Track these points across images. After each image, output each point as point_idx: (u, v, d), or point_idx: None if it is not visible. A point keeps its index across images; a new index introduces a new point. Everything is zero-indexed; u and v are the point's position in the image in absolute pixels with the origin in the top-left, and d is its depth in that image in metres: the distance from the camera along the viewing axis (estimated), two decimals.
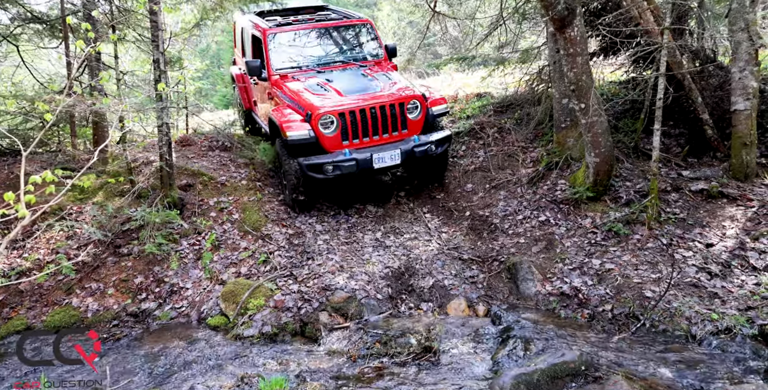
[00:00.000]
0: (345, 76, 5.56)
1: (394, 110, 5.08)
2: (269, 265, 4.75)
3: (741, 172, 4.69)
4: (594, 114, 4.49)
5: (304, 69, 5.73)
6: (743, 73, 4.57)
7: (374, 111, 5.01)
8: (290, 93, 5.32)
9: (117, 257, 4.80)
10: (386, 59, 6.08)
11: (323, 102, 5.02)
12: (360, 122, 5.00)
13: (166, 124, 5.07)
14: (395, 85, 5.36)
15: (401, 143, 5.15)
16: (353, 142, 5.07)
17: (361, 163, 4.95)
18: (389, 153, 5.03)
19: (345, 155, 4.95)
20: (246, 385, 3.44)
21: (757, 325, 3.41)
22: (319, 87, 5.30)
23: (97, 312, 4.36)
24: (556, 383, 3.11)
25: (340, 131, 4.98)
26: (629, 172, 5.02)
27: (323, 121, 4.93)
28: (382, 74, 5.58)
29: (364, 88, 5.25)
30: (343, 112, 4.95)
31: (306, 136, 4.89)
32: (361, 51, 6.16)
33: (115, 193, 5.36)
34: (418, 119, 5.22)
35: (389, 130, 5.13)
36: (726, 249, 4.07)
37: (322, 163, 4.91)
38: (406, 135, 5.20)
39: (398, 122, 5.12)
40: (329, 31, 6.09)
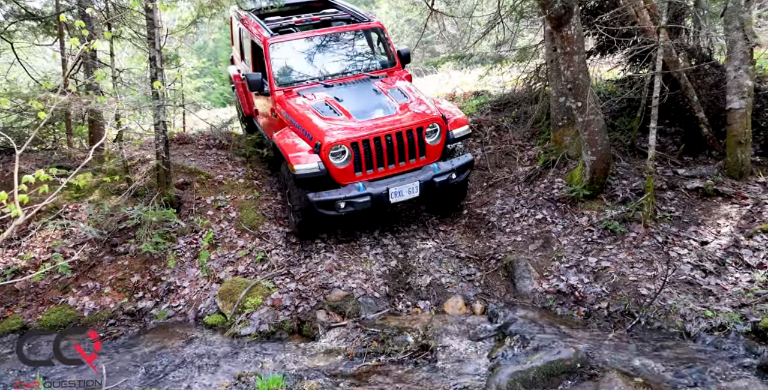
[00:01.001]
0: (355, 92, 4.98)
1: (412, 136, 4.54)
2: (267, 263, 4.76)
3: (736, 170, 4.73)
4: (591, 112, 4.52)
5: (309, 83, 5.18)
6: (738, 72, 4.61)
7: (390, 138, 4.47)
8: (296, 115, 4.80)
9: (113, 256, 4.80)
10: (399, 67, 5.51)
11: (333, 129, 4.50)
12: (374, 151, 4.46)
13: (163, 122, 5.07)
14: (411, 104, 4.78)
15: (419, 172, 4.63)
16: (367, 172, 4.54)
17: (376, 198, 4.46)
18: (407, 186, 4.52)
19: (359, 190, 4.44)
20: (243, 383, 3.46)
21: (750, 322, 3.45)
22: (328, 108, 4.74)
23: (94, 311, 4.37)
24: (552, 381, 3.15)
25: (353, 162, 4.45)
26: (625, 171, 5.06)
27: (334, 152, 4.41)
28: (396, 89, 4.99)
29: (377, 110, 4.70)
30: (355, 142, 4.41)
31: (316, 169, 4.39)
32: (371, 59, 5.57)
33: (112, 191, 5.36)
34: (438, 144, 4.68)
35: (406, 158, 4.60)
36: (721, 247, 4.11)
37: (334, 199, 4.41)
38: (424, 162, 4.68)
39: (416, 149, 4.59)
40: (336, 38, 5.51)
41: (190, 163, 6.01)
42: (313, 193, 4.45)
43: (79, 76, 5.94)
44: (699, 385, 3.03)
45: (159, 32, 5.02)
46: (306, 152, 4.48)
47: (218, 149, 6.63)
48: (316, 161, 4.41)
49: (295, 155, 4.47)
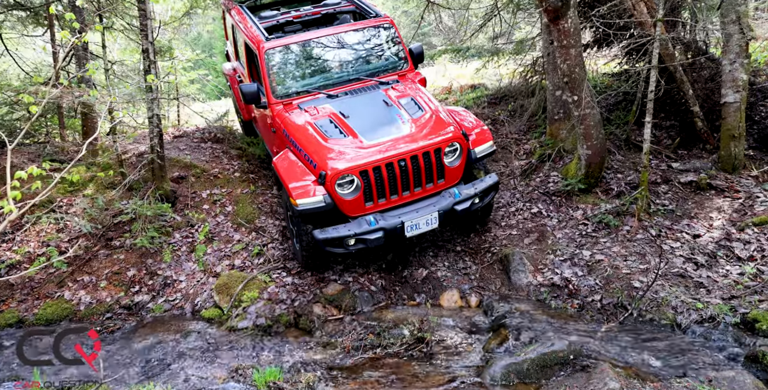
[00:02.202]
0: (362, 105, 4.38)
1: (429, 159, 4.01)
2: (263, 257, 4.81)
3: (729, 164, 4.80)
4: (587, 106, 4.56)
5: (311, 93, 4.60)
6: (734, 66, 4.66)
7: (404, 163, 3.94)
8: (298, 136, 4.25)
9: (109, 250, 4.84)
10: (412, 68, 4.92)
11: (339, 155, 3.98)
12: (387, 179, 3.95)
13: (157, 116, 5.07)
14: (427, 119, 4.19)
15: (438, 200, 4.10)
16: (378, 202, 4.04)
17: (389, 233, 3.95)
18: (424, 217, 3.99)
19: (370, 224, 3.93)
20: (240, 376, 3.53)
21: (739, 314, 3.54)
22: (333, 126, 4.19)
23: (90, 305, 4.41)
24: (545, 372, 3.23)
25: (363, 192, 3.95)
26: (620, 164, 5.13)
27: (341, 182, 3.91)
28: (409, 99, 4.40)
29: (388, 127, 4.13)
30: (365, 170, 3.90)
31: (321, 204, 3.90)
32: (380, 61, 4.93)
33: (106, 185, 5.37)
34: (458, 166, 4.15)
35: (422, 184, 4.08)
36: (712, 240, 4.20)
37: (342, 236, 3.92)
38: (443, 186, 4.16)
39: (433, 173, 4.07)
40: (341, 38, 4.87)
41: (185, 157, 6.02)
42: (319, 230, 3.97)
43: (71, 69, 5.90)
44: (688, 376, 3.12)
45: (151, 23, 5.00)
46: (309, 183, 3.97)
47: (213, 143, 6.63)
48: (322, 194, 3.89)
49: (297, 187, 3.96)
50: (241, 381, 3.43)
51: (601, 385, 2.88)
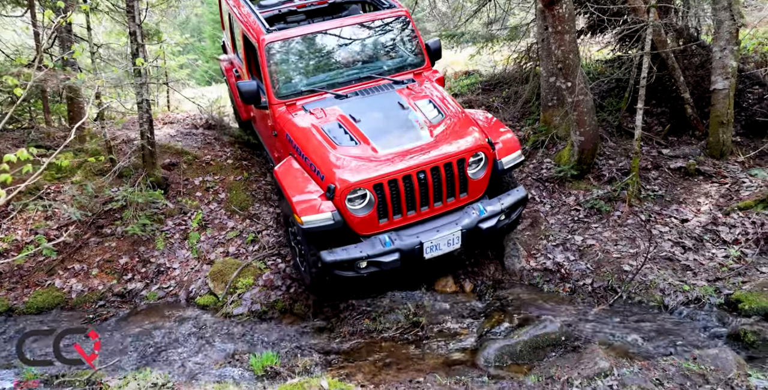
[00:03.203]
0: (375, 107, 3.93)
1: (451, 170, 3.58)
2: (258, 244, 4.81)
3: (717, 150, 4.90)
4: (580, 93, 4.59)
5: (317, 92, 4.14)
6: (724, 53, 4.71)
7: (423, 176, 3.51)
8: (303, 142, 3.80)
9: (100, 238, 4.79)
10: (428, 66, 4.47)
11: (350, 166, 3.53)
12: (404, 193, 3.51)
13: (146, 101, 4.99)
14: (449, 125, 3.78)
15: (460, 216, 3.68)
16: (394, 219, 3.60)
17: (406, 254, 3.53)
18: (446, 237, 3.57)
19: (384, 245, 3.51)
20: (237, 361, 3.56)
21: (723, 295, 3.66)
22: (342, 132, 3.75)
23: (82, 293, 4.39)
24: (538, 353, 3.31)
25: (376, 208, 3.51)
26: (612, 151, 5.19)
27: (353, 197, 3.48)
28: (428, 101, 3.98)
29: (405, 134, 3.69)
30: (379, 183, 3.45)
31: (329, 221, 3.45)
32: (394, 57, 4.48)
33: (95, 172, 5.30)
34: (482, 178, 3.73)
35: (443, 198, 3.66)
36: (700, 224, 4.30)
37: (353, 259, 3.48)
38: (466, 200, 3.74)
39: (456, 186, 3.64)
40: (352, 32, 4.38)
41: (177, 144, 5.94)
42: (327, 252, 3.51)
43: (54, 51, 5.75)
44: (674, 354, 3.22)
45: (139, 5, 4.87)
46: (316, 197, 3.51)
47: (205, 129, 6.56)
48: (330, 211, 3.45)
49: (302, 201, 3.50)
50: (238, 366, 3.46)
51: (591, 365, 2.97)
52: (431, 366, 3.31)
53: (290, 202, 3.57)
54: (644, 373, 2.77)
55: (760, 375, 2.72)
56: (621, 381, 2.74)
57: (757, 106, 5.16)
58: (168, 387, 2.92)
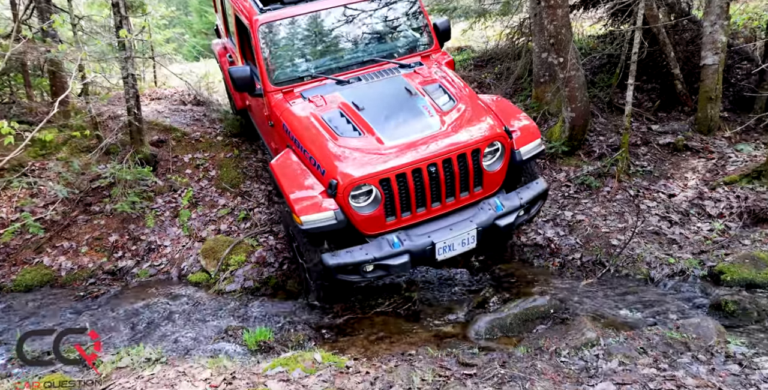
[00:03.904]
0: (380, 94, 3.57)
1: (465, 162, 3.20)
2: (249, 221, 4.71)
3: (705, 125, 4.85)
4: (572, 68, 4.47)
5: (316, 77, 3.77)
6: (714, 27, 4.60)
7: (435, 169, 3.14)
8: (301, 132, 3.43)
9: (88, 215, 4.65)
10: (437, 48, 4.04)
11: (354, 159, 3.16)
12: (413, 189, 3.14)
13: (132, 76, 4.77)
14: (461, 111, 3.40)
15: (475, 212, 3.32)
16: (402, 217, 3.22)
17: (417, 256, 3.18)
18: (460, 236, 3.21)
19: (393, 246, 3.15)
20: (231, 336, 3.51)
21: (707, 267, 3.67)
22: (344, 121, 3.39)
23: (72, 271, 4.28)
24: (527, 325, 3.31)
25: (383, 205, 3.14)
26: (603, 127, 5.12)
27: (357, 194, 3.11)
28: (437, 86, 3.60)
29: (413, 123, 3.31)
30: (386, 178, 3.08)
31: (331, 221, 3.09)
32: (399, 39, 4.06)
33: (81, 148, 5.10)
34: (499, 170, 3.35)
35: (456, 193, 3.28)
36: (686, 199, 4.29)
37: (358, 262, 3.13)
38: (480, 195, 3.37)
39: (470, 180, 3.27)
40: (352, 11, 3.99)
41: (165, 120, 5.74)
42: (330, 254, 3.15)
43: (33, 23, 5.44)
44: (658, 324, 3.25)
45: None
46: (317, 194, 3.15)
47: (194, 105, 6.34)
48: (332, 209, 3.08)
49: (301, 198, 3.14)
50: (231, 341, 3.42)
51: (579, 336, 2.97)
52: (423, 339, 3.29)
53: (288, 200, 3.20)
54: (629, 343, 2.77)
55: (738, 342, 2.75)
56: (607, 350, 2.74)
57: (744, 82, 5.09)
58: (161, 362, 2.86)
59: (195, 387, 2.51)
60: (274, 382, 2.49)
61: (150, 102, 6.36)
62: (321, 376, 2.55)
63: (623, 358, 2.61)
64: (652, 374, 2.45)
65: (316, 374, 2.56)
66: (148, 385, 2.51)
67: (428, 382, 2.50)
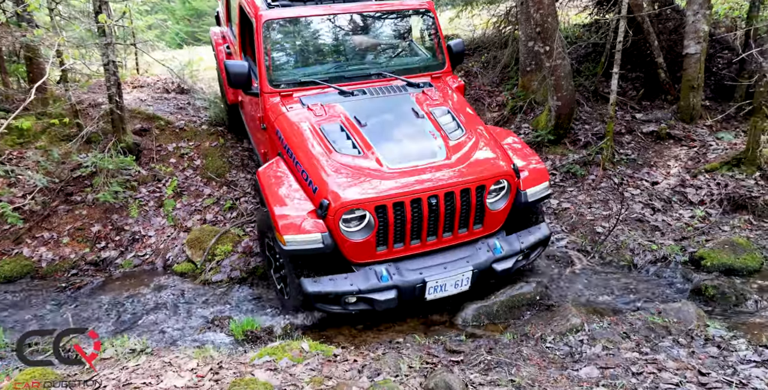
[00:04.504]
0: (385, 111, 3.31)
1: (468, 197, 2.95)
2: (235, 211, 4.60)
3: (687, 114, 4.86)
4: (558, 57, 4.42)
5: (319, 85, 3.49)
6: (696, 17, 4.59)
7: (435, 201, 2.88)
8: (295, 141, 3.16)
9: (69, 205, 4.49)
10: (449, 70, 3.80)
11: (350, 178, 2.88)
12: (410, 219, 2.87)
13: (113, 63, 4.58)
14: (468, 143, 3.13)
15: (471, 252, 3.07)
16: (394, 248, 2.95)
17: (405, 293, 2.91)
18: (453, 277, 2.95)
19: (380, 278, 2.87)
20: (217, 326, 3.44)
21: (688, 253, 3.70)
22: (344, 137, 3.11)
23: (53, 261, 4.13)
24: (513, 312, 3.30)
25: (376, 233, 2.86)
26: (588, 116, 5.10)
27: (349, 218, 2.84)
28: (446, 112, 3.34)
29: (417, 148, 3.06)
30: (383, 205, 2.81)
31: (318, 244, 2.81)
32: (410, 56, 3.86)
33: (60, 137, 4.91)
34: (502, 209, 3.11)
35: (454, 229, 3.02)
36: (669, 186, 4.30)
37: (341, 293, 2.86)
38: (479, 234, 3.12)
39: (470, 217, 3.01)
40: (365, 19, 3.73)
41: (148, 108, 5.55)
42: (310, 280, 2.87)
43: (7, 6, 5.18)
44: (641, 309, 3.27)
45: None
46: (304, 214, 2.86)
47: (177, 93, 6.14)
48: (320, 232, 2.79)
49: (287, 216, 2.85)
50: (218, 331, 3.35)
51: (564, 322, 2.97)
52: (411, 327, 3.25)
53: (272, 216, 2.88)
54: (613, 328, 2.78)
55: (717, 325, 2.78)
56: (591, 335, 2.75)
57: (725, 71, 5.10)
58: (147, 352, 2.78)
59: (181, 377, 2.44)
60: (261, 372, 2.44)
61: (132, 90, 6.15)
62: (308, 364, 2.51)
63: (607, 343, 2.61)
64: (635, 358, 2.46)
65: (304, 363, 2.51)
66: (133, 376, 2.44)
67: (416, 369, 2.47)
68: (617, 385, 2.26)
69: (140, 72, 7.06)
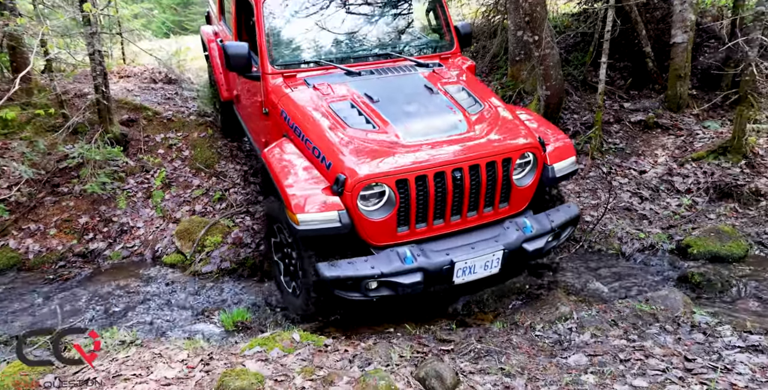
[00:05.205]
0: (396, 87, 3.09)
1: (494, 171, 2.70)
2: (225, 202, 4.51)
3: (675, 103, 4.83)
4: (546, 46, 4.35)
5: (324, 65, 3.26)
6: (683, 6, 4.54)
7: (460, 175, 2.63)
8: (303, 120, 2.91)
9: (56, 197, 4.36)
10: (458, 51, 3.62)
11: (366, 152, 2.62)
12: (433, 195, 2.61)
13: (99, 52, 4.42)
14: (489, 117, 2.91)
15: (499, 232, 2.80)
16: (416, 228, 2.68)
17: (431, 276, 2.61)
18: (482, 257, 2.67)
19: (404, 260, 2.59)
20: (207, 318, 3.38)
21: (675, 241, 3.70)
22: (355, 112, 2.86)
23: (40, 253, 4.01)
24: (503, 301, 3.28)
25: (397, 211, 2.59)
26: (577, 105, 5.05)
27: (368, 194, 2.58)
28: (460, 88, 3.12)
29: (436, 120, 2.82)
30: (404, 178, 2.55)
31: (335, 223, 2.54)
32: (419, 36, 3.67)
33: (46, 128, 4.75)
34: (529, 186, 2.88)
35: (479, 207, 2.76)
36: (656, 175, 4.29)
37: (361, 277, 2.55)
38: (505, 213, 2.87)
39: (496, 193, 2.76)
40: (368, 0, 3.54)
41: (135, 99, 5.39)
42: (327, 264, 2.57)
43: None
44: (628, 297, 3.26)
45: None
46: (318, 191, 2.59)
47: (165, 84, 5.98)
48: (336, 209, 2.53)
49: (300, 195, 2.58)
50: (209, 322, 3.28)
51: (553, 310, 2.95)
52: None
53: (283, 195, 2.60)
54: (601, 316, 2.77)
55: (703, 312, 2.78)
56: (579, 323, 2.73)
57: (712, 60, 5.07)
58: (136, 344, 2.71)
59: (171, 368, 2.38)
60: (252, 362, 2.39)
61: (119, 80, 5.96)
62: (299, 354, 2.46)
63: (595, 331, 2.59)
64: (623, 345, 2.44)
65: (295, 353, 2.47)
66: (122, 367, 2.37)
67: (406, 359, 2.44)
68: (605, 371, 2.24)
69: (127, 62, 6.86)
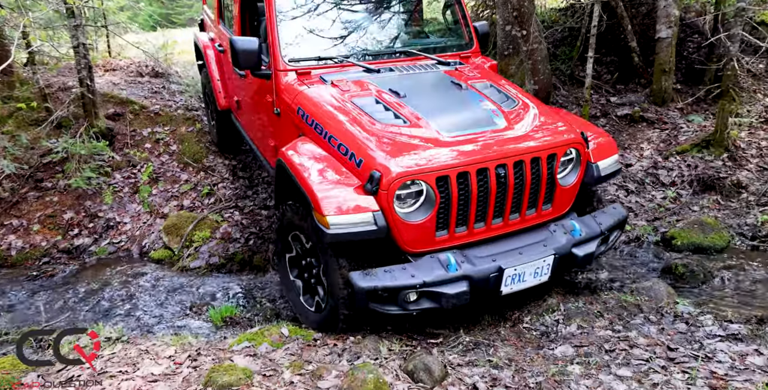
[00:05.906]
0: (423, 84, 2.89)
1: (538, 168, 2.45)
2: (213, 197, 4.42)
3: (660, 97, 4.84)
4: (534, 41, 4.32)
5: (341, 62, 3.00)
6: (668, 1, 4.54)
7: (504, 172, 2.36)
8: (326, 117, 2.61)
9: (40, 192, 4.23)
10: (477, 50, 3.40)
11: (400, 147, 2.33)
12: (475, 195, 2.33)
13: (83, 45, 4.28)
14: (526, 113, 2.65)
15: (546, 236, 2.53)
16: (456, 232, 2.40)
17: (478, 285, 2.30)
18: (532, 263, 2.38)
19: (447, 268, 2.27)
20: (196, 313, 3.31)
21: (660, 233, 3.71)
22: (382, 108, 2.60)
23: (23, 249, 3.90)
24: None
25: (436, 213, 2.30)
26: (564, 99, 5.03)
27: (404, 193, 2.28)
28: (488, 85, 2.89)
29: (471, 115, 2.58)
30: (444, 175, 2.27)
31: (370, 226, 2.22)
32: (439, 34, 3.57)
33: (29, 122, 4.60)
34: (573, 185, 2.62)
35: (522, 209, 2.50)
36: (642, 168, 4.29)
37: (400, 287, 2.23)
38: (548, 216, 2.61)
39: (540, 193, 2.50)
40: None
41: (121, 92, 5.25)
42: (360, 273, 2.24)
43: None
44: (615, 289, 3.27)
45: None
46: (350, 190, 2.28)
47: (152, 77, 5.83)
48: (371, 210, 2.22)
49: (330, 196, 2.26)
50: (197, 318, 3.22)
51: (540, 302, 2.94)
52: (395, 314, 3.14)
53: (310, 195, 2.28)
54: (587, 307, 2.76)
55: (686, 302, 2.79)
56: (566, 315, 2.73)
57: (695, 55, 5.09)
58: (123, 341, 2.65)
59: (158, 365, 2.32)
60: (240, 357, 2.34)
61: (104, 73, 5.81)
62: (288, 349, 2.42)
63: (581, 322, 2.59)
64: (608, 336, 2.44)
65: (284, 348, 2.42)
66: (108, 364, 2.31)
67: (395, 352, 2.41)
68: (591, 362, 2.24)
69: (112, 55, 6.68)
